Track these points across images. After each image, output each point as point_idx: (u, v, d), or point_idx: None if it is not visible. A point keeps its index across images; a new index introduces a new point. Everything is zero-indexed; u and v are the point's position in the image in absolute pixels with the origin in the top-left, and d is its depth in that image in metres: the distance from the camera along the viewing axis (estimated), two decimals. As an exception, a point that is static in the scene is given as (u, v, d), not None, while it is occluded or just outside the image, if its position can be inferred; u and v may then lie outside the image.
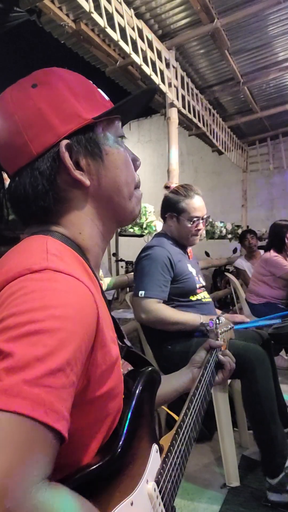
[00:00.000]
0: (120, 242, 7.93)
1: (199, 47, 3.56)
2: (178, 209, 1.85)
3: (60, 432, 0.40)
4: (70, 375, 0.43)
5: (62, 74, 0.62)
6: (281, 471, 1.56)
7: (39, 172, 0.58)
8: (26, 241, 0.57)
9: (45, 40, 3.55)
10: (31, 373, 0.39)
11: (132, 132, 9.19)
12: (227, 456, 1.70)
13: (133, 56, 2.76)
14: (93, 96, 0.63)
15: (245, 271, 4.23)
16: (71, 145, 0.59)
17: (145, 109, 0.75)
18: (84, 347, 0.46)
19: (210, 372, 0.94)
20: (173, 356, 1.75)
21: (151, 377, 0.68)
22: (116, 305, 5.38)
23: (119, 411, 0.59)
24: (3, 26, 2.57)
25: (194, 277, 1.85)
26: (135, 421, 0.60)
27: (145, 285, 1.71)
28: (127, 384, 0.64)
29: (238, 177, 6.53)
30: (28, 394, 0.38)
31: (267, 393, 1.61)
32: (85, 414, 0.52)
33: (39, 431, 0.38)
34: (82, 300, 0.49)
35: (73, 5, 2.73)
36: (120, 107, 0.63)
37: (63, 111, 0.59)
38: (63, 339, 0.43)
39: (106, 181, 0.63)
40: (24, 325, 0.42)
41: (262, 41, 3.58)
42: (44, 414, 0.38)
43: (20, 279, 0.47)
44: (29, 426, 0.38)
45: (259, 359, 1.63)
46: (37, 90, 0.59)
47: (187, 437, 0.72)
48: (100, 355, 0.52)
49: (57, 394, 0.40)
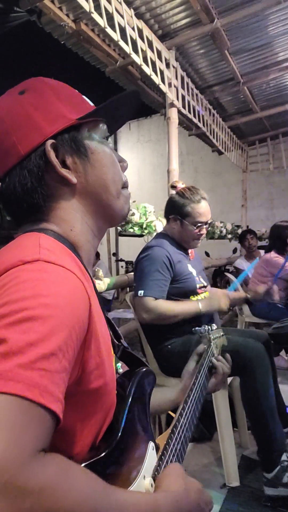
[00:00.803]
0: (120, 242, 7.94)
1: (199, 47, 3.56)
2: (183, 213, 1.83)
3: (55, 413, 0.41)
4: (62, 360, 0.44)
5: (47, 81, 0.67)
6: (277, 464, 1.56)
7: (27, 170, 0.61)
8: (20, 239, 0.59)
9: (45, 40, 3.55)
10: (25, 357, 0.41)
11: (132, 132, 9.20)
12: (227, 456, 1.70)
13: (133, 56, 2.77)
14: (78, 101, 0.67)
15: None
16: (56, 144, 0.62)
17: (145, 109, 0.75)
18: (75, 335, 0.48)
19: (203, 374, 0.95)
20: (173, 355, 1.75)
21: (146, 377, 0.69)
22: (116, 305, 5.38)
23: (112, 407, 0.61)
24: (3, 26, 2.58)
25: (194, 277, 1.85)
26: (131, 418, 0.62)
27: (144, 284, 1.71)
28: (123, 384, 0.66)
29: (238, 177, 6.54)
30: (23, 377, 0.40)
31: (266, 389, 1.62)
32: (79, 406, 0.54)
33: (35, 411, 0.40)
34: (73, 290, 0.50)
35: (73, 5, 2.73)
36: (102, 109, 0.66)
37: (49, 113, 0.62)
38: (54, 326, 0.44)
39: (93, 178, 0.65)
40: (17, 313, 0.43)
41: (262, 41, 3.58)
42: (39, 395, 0.40)
43: (12, 270, 0.49)
44: (24, 406, 0.39)
45: (258, 356, 1.64)
46: (24, 96, 0.63)
47: (182, 436, 0.74)
48: (94, 347, 0.53)
49: (50, 378, 0.42)
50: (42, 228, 0.61)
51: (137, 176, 8.77)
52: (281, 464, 1.56)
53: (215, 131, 4.67)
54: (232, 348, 1.62)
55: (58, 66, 6.22)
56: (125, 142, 9.33)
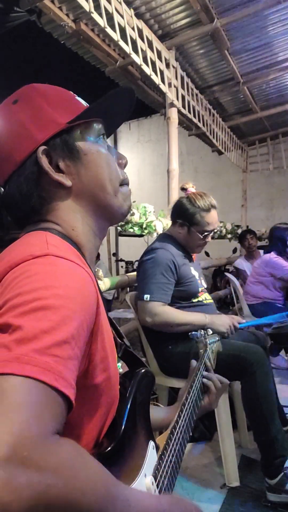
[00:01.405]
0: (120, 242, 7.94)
1: (199, 47, 3.56)
2: (191, 220, 1.81)
3: (68, 397, 0.42)
4: (74, 348, 0.46)
5: (39, 88, 0.68)
6: (280, 471, 1.56)
7: (23, 177, 0.64)
8: (26, 237, 0.61)
9: (45, 40, 3.55)
10: (40, 343, 0.42)
11: (132, 132, 9.20)
12: (227, 456, 1.70)
13: (133, 56, 2.77)
14: (69, 104, 0.68)
15: (244, 271, 4.23)
16: (48, 149, 0.64)
17: (145, 110, 0.74)
18: (86, 326, 0.49)
19: (200, 378, 0.95)
20: (173, 356, 1.75)
21: (145, 378, 0.70)
22: (116, 305, 5.38)
23: (115, 401, 0.62)
24: (3, 26, 2.57)
25: (196, 280, 1.85)
26: (132, 416, 0.63)
27: (150, 288, 1.70)
28: (124, 383, 0.67)
29: (238, 177, 6.54)
30: (39, 362, 0.41)
31: (267, 394, 1.61)
32: (85, 399, 0.55)
33: (50, 393, 0.41)
34: (83, 282, 0.52)
35: (73, 5, 2.73)
36: (94, 109, 0.66)
37: (40, 120, 0.64)
38: (66, 315, 0.46)
39: (88, 179, 0.66)
40: (30, 302, 0.45)
41: (262, 41, 3.58)
42: (54, 379, 0.41)
43: (23, 264, 0.50)
44: (40, 388, 0.40)
45: (259, 361, 1.63)
46: (17, 105, 0.66)
47: (180, 437, 0.75)
48: (100, 340, 0.55)
49: (64, 364, 0.43)
50: (46, 227, 0.63)
51: (137, 176, 8.77)
52: (284, 471, 1.56)
53: (215, 131, 4.67)
54: (232, 352, 1.62)
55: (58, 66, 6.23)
56: (125, 142, 9.33)
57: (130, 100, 0.72)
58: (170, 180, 3.34)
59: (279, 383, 1.96)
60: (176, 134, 3.39)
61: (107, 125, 0.72)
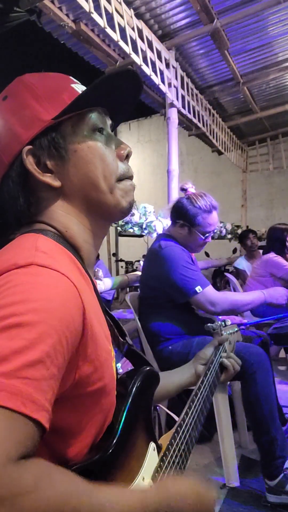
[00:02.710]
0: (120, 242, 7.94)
1: (199, 47, 3.56)
2: (193, 222, 1.80)
3: (39, 422, 0.41)
4: (50, 367, 0.43)
5: (27, 80, 0.63)
6: (280, 472, 1.56)
7: (11, 179, 0.61)
8: (18, 240, 0.58)
9: (45, 40, 3.55)
10: (9, 366, 0.40)
11: (132, 132, 9.20)
12: (227, 457, 1.70)
13: (133, 56, 2.77)
14: (59, 96, 0.62)
15: (244, 271, 4.23)
16: (33, 149, 0.60)
17: (145, 110, 0.72)
18: (65, 341, 0.47)
19: (214, 373, 0.93)
20: (173, 357, 1.75)
21: (148, 377, 0.68)
22: (116, 305, 5.38)
23: (112, 408, 0.60)
24: (3, 26, 2.57)
25: None
26: (130, 419, 0.61)
27: (195, 279, 1.70)
28: (125, 383, 0.65)
29: (238, 177, 6.54)
30: (5, 386, 0.39)
31: (267, 395, 1.61)
32: (78, 408, 0.53)
33: (17, 420, 0.39)
34: (65, 294, 0.49)
35: (73, 5, 2.73)
36: (83, 99, 0.60)
37: (25, 118, 0.60)
38: (42, 332, 0.44)
39: (78, 178, 0.62)
40: (5, 319, 0.43)
41: (262, 41, 3.58)
42: (22, 404, 0.39)
43: (6, 274, 0.48)
44: (7, 415, 0.39)
45: (259, 361, 1.63)
46: (5, 102, 0.62)
47: (187, 436, 0.72)
48: (92, 350, 0.52)
49: (35, 386, 0.41)
50: (40, 229, 0.60)
51: (137, 176, 8.65)
52: (284, 472, 1.56)
53: (215, 131, 4.67)
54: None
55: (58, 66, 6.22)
56: (125, 142, 9.33)
57: (134, 81, 0.64)
58: (170, 180, 3.34)
59: (279, 383, 1.96)
60: (176, 134, 3.39)
61: (114, 112, 0.67)
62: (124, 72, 0.62)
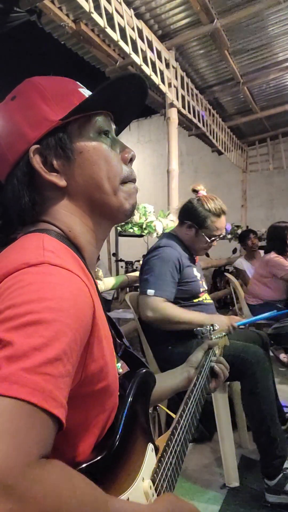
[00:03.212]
0: (120, 242, 7.93)
1: (199, 47, 3.56)
2: (202, 224, 1.81)
3: (58, 418, 0.41)
4: (66, 364, 0.44)
5: (37, 81, 0.64)
6: (279, 472, 1.56)
7: (16, 178, 0.62)
8: (23, 239, 0.58)
9: (45, 40, 3.56)
10: (30, 361, 0.41)
11: (132, 132, 9.20)
12: (227, 457, 1.70)
13: (133, 56, 2.77)
14: (68, 98, 0.63)
15: (244, 271, 4.23)
16: (40, 149, 0.61)
17: (145, 110, 0.72)
18: (79, 339, 0.47)
19: (205, 376, 0.94)
20: (173, 357, 1.75)
21: (145, 379, 0.69)
22: (116, 305, 5.38)
23: (114, 408, 0.61)
24: (3, 26, 2.57)
25: (198, 281, 1.86)
26: (130, 420, 0.61)
27: (155, 284, 1.70)
28: (123, 385, 0.65)
29: (238, 177, 6.54)
30: (28, 382, 0.40)
31: (267, 395, 1.61)
32: (82, 408, 0.54)
33: (38, 415, 0.40)
34: (78, 293, 0.50)
35: (73, 5, 2.73)
36: (90, 102, 0.62)
37: (33, 118, 0.61)
38: (58, 330, 0.44)
39: (83, 178, 0.63)
40: (22, 316, 0.43)
41: (262, 41, 3.58)
42: (43, 400, 0.40)
43: (17, 273, 0.48)
44: (28, 410, 0.39)
45: (259, 361, 1.63)
46: (14, 102, 0.63)
47: (182, 438, 0.73)
48: (97, 349, 0.53)
49: (54, 382, 0.42)
50: (44, 228, 0.61)
51: (137, 176, 8.77)
52: (284, 472, 1.56)
53: (215, 131, 4.67)
54: (232, 353, 1.62)
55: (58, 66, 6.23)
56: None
57: (140, 87, 0.65)
58: (170, 180, 3.34)
59: (279, 383, 1.96)
60: (176, 134, 3.39)
61: (118, 118, 0.69)
62: (131, 77, 0.64)
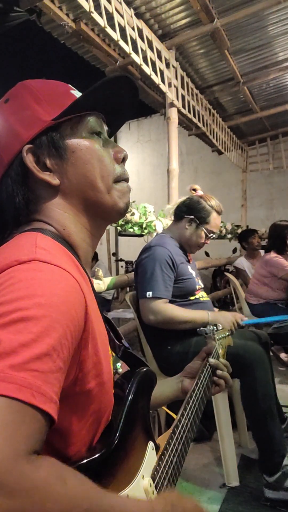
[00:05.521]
0: (120, 242, 7.94)
1: (199, 47, 3.56)
2: (204, 219, 1.87)
3: (48, 413, 0.42)
4: (56, 360, 0.44)
5: (29, 84, 0.66)
6: (279, 469, 1.57)
7: (10, 178, 0.63)
8: (17, 238, 0.59)
9: (45, 40, 3.56)
10: (17, 358, 0.41)
11: (132, 132, 9.20)
12: (227, 456, 1.70)
13: (133, 56, 2.77)
14: (59, 99, 0.64)
15: (245, 270, 4.23)
16: (33, 148, 0.62)
17: (145, 109, 0.73)
18: (70, 335, 0.48)
19: (208, 375, 0.93)
20: (172, 356, 1.75)
21: (146, 377, 0.69)
22: (116, 305, 5.38)
23: (110, 406, 0.61)
24: (3, 26, 2.57)
25: (194, 278, 1.86)
26: (130, 418, 0.62)
27: (151, 285, 1.70)
28: (123, 384, 0.66)
29: (238, 177, 6.54)
30: (15, 378, 0.40)
31: (266, 392, 1.62)
32: (77, 407, 0.54)
33: (26, 411, 0.40)
34: (68, 289, 0.50)
35: (73, 5, 2.73)
36: (81, 102, 0.63)
37: (26, 118, 0.63)
38: (48, 326, 0.45)
39: (76, 177, 0.64)
40: (11, 313, 0.44)
41: (262, 41, 3.58)
42: (31, 396, 0.40)
43: (8, 270, 0.49)
44: (15, 407, 0.39)
45: (258, 359, 1.64)
46: (7, 104, 0.65)
47: (183, 436, 0.73)
48: (91, 346, 0.54)
49: (43, 378, 0.42)
50: (39, 227, 0.61)
51: (137, 176, 8.77)
52: (283, 469, 1.56)
53: (215, 131, 4.67)
54: (232, 351, 1.62)
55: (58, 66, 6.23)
56: (125, 142, 9.32)
57: (131, 89, 0.67)
58: (170, 180, 3.34)
59: (279, 383, 1.96)
60: (176, 134, 3.39)
61: (111, 119, 0.70)
62: (120, 79, 0.65)
